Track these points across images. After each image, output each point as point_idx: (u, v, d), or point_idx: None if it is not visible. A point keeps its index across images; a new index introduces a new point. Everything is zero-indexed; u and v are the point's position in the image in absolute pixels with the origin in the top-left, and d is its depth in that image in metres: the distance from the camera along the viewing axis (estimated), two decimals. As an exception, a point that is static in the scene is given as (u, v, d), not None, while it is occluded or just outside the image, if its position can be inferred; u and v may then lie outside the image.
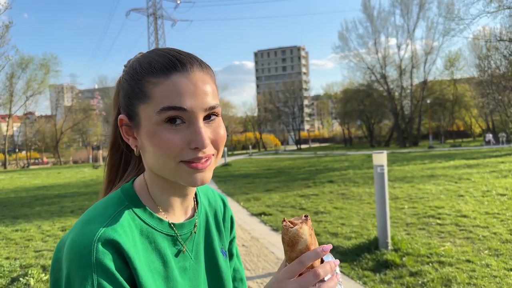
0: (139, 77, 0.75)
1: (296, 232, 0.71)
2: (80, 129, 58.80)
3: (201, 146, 0.72)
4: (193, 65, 0.75)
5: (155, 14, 77.21)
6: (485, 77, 39.12)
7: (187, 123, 0.73)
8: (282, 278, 0.70)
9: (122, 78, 0.81)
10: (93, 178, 21.24)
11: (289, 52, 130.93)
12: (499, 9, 24.62)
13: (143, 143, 0.77)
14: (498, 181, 10.66)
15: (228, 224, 1.01)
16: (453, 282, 3.99)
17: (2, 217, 9.40)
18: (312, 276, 0.70)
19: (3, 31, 36.19)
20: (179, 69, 0.73)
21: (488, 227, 6.00)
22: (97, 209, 0.75)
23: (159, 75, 0.73)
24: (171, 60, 0.74)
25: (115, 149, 0.89)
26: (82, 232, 0.69)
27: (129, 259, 0.70)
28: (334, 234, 6.18)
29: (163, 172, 0.77)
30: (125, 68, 0.82)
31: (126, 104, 0.78)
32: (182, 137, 0.72)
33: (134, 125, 0.77)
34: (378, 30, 51.52)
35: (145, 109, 0.74)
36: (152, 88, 0.73)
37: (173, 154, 0.72)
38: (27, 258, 5.61)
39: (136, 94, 0.75)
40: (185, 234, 0.84)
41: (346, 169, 17.10)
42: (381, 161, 5.03)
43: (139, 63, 0.77)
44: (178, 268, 0.81)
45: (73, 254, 0.67)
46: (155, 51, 0.78)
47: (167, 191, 0.82)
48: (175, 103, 0.71)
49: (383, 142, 56.80)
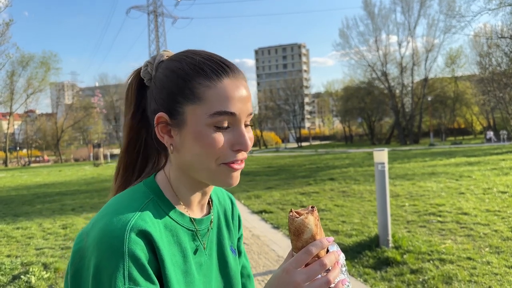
0: (189, 77, 0.76)
1: (302, 221, 0.73)
2: (80, 127, 58.91)
3: (245, 148, 0.77)
4: (239, 72, 0.79)
5: (156, 12, 77.11)
6: (486, 74, 38.99)
7: (232, 126, 0.76)
8: (290, 268, 0.72)
9: (159, 75, 0.79)
10: (94, 176, 21.26)
11: (289, 49, 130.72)
12: (500, 6, 24.57)
13: (183, 142, 0.77)
14: (499, 178, 10.65)
15: (236, 222, 1.03)
16: (454, 280, 3.99)
17: (3, 215, 9.42)
18: (319, 266, 0.72)
19: (4, 29, 36.13)
20: (230, 74, 0.76)
21: (489, 224, 6.00)
22: (123, 202, 0.76)
23: (212, 78, 0.75)
24: (221, 65, 0.77)
25: (131, 147, 0.87)
26: (113, 222, 0.69)
27: (158, 251, 0.72)
28: (335, 231, 6.18)
29: (200, 173, 0.78)
30: (157, 64, 0.81)
31: (169, 102, 0.77)
32: (227, 140, 0.76)
33: (176, 123, 0.77)
34: (379, 27, 51.51)
35: (194, 110, 0.75)
36: (204, 90, 0.74)
37: (216, 156, 0.75)
38: (28, 256, 5.62)
39: (185, 94, 0.75)
40: (203, 229, 0.86)
41: (347, 167, 17.09)
42: (382, 158, 5.03)
43: (186, 64, 0.77)
44: (195, 263, 0.82)
45: (104, 244, 0.67)
46: (197, 53, 0.80)
47: (193, 188, 0.83)
48: (228, 108, 0.74)
49: (384, 140, 56.77)
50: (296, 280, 0.71)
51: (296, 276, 0.71)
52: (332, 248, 0.76)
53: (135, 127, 0.85)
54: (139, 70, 0.85)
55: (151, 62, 0.82)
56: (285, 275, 0.72)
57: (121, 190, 0.86)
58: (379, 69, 51.42)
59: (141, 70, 0.83)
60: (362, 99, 53.66)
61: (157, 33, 76.81)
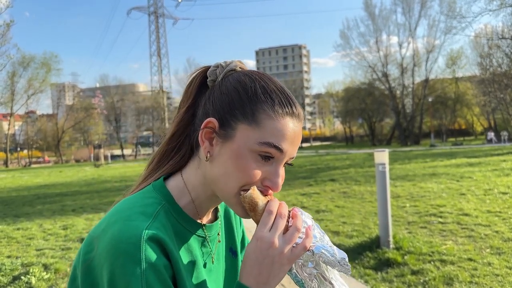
0: (257, 100, 0.75)
1: (250, 195, 0.73)
2: (81, 127, 58.88)
3: (275, 189, 0.77)
4: (302, 115, 0.79)
5: (156, 13, 77.17)
6: (487, 75, 39.00)
7: (273, 162, 0.76)
8: (261, 234, 0.72)
9: (228, 82, 0.79)
10: (94, 177, 21.26)
11: (290, 50, 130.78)
12: (501, 7, 24.57)
13: (220, 155, 0.76)
14: (500, 179, 10.63)
15: (238, 219, 1.03)
16: (454, 281, 3.98)
17: (3, 216, 9.41)
18: (281, 219, 0.73)
19: (5, 30, 36.13)
20: (294, 114, 0.77)
21: (490, 225, 5.99)
22: (135, 207, 0.74)
23: (277, 111, 0.75)
24: (290, 103, 0.77)
25: (175, 138, 0.85)
26: (127, 229, 0.68)
27: (172, 257, 0.71)
28: (335, 232, 6.17)
29: (219, 191, 0.78)
30: (228, 71, 0.80)
31: (225, 112, 0.76)
32: (263, 172, 0.75)
33: (223, 135, 0.76)
34: (379, 28, 51.47)
35: (246, 130, 0.74)
36: (265, 118, 0.74)
37: (243, 183, 0.75)
38: (28, 256, 5.61)
39: (245, 112, 0.75)
40: (213, 235, 0.86)
41: (348, 168, 17.08)
42: (383, 159, 5.02)
43: (258, 85, 0.77)
44: (205, 270, 0.82)
45: (119, 250, 0.66)
46: (273, 80, 0.80)
47: (211, 198, 0.83)
48: (279, 144, 0.74)
49: (385, 141, 56.72)
50: (273, 241, 0.71)
51: (270, 237, 0.71)
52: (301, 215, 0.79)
53: (185, 121, 0.84)
54: (207, 68, 0.84)
55: (223, 65, 0.81)
56: (260, 242, 0.71)
57: (151, 177, 0.85)
58: (379, 70, 51.43)
59: (210, 69, 0.82)
60: (362, 100, 53.63)
61: (157, 34, 76.86)
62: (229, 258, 0.93)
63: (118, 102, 60.34)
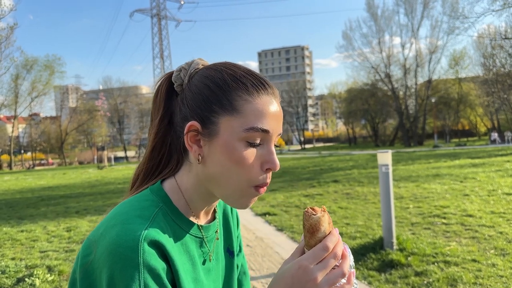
0: (230, 89, 0.75)
1: (318, 219, 0.73)
2: (85, 130, 59.04)
3: (274, 167, 0.76)
4: (276, 90, 0.78)
5: (159, 15, 77.40)
6: (490, 75, 38.89)
7: (263, 144, 0.76)
8: (306, 264, 0.69)
9: (196, 82, 0.78)
10: (98, 178, 21.32)
11: (293, 51, 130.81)
12: (504, 7, 24.47)
13: (211, 154, 0.75)
14: (504, 180, 10.59)
15: (235, 220, 1.03)
16: (458, 282, 3.96)
17: (7, 218, 9.45)
18: (333, 258, 0.71)
19: (8, 33, 36.35)
20: (268, 91, 0.76)
21: (494, 226, 5.96)
22: (133, 210, 0.73)
23: (252, 93, 0.75)
24: (261, 81, 0.77)
25: (156, 152, 0.84)
26: (124, 232, 0.68)
27: (171, 261, 0.71)
28: (339, 234, 6.15)
29: (222, 187, 0.77)
30: (193, 71, 0.80)
31: (203, 110, 0.76)
32: (258, 157, 0.75)
33: (208, 133, 0.75)
34: (382, 29, 51.40)
35: (229, 121, 0.74)
36: (243, 103, 0.74)
37: (248, 176, 0.75)
38: (32, 258, 5.63)
39: (222, 104, 0.74)
40: (210, 236, 0.86)
41: (351, 169, 17.05)
42: (386, 160, 5.01)
43: (226, 75, 0.76)
44: (203, 270, 0.82)
45: (118, 255, 0.65)
46: (237, 66, 0.79)
47: (206, 199, 0.82)
48: (263, 125, 0.74)
49: (388, 142, 56.60)
50: (316, 277, 0.68)
51: (314, 273, 0.68)
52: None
53: (162, 131, 0.82)
54: (170, 74, 0.83)
55: (185, 67, 0.80)
56: (302, 271, 0.69)
57: (135, 192, 0.84)
58: (382, 70, 51.33)
59: (173, 74, 0.81)
60: (365, 101, 53.58)
61: (160, 36, 77.07)
62: (227, 257, 0.93)
63: (121, 104, 60.52)
